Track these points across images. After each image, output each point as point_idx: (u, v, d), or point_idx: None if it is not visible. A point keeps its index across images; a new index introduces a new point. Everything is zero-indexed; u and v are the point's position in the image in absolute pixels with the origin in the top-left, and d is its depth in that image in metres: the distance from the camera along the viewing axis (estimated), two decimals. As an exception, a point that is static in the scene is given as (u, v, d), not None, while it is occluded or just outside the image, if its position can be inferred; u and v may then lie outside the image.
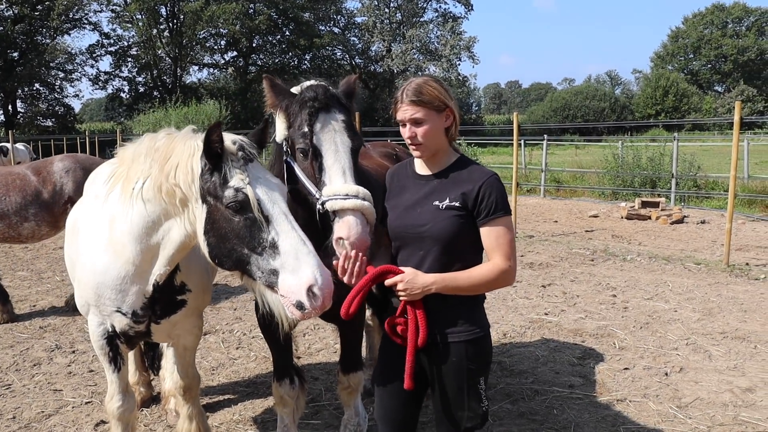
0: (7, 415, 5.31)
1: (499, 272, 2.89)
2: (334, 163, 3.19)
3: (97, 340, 3.83)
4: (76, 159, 8.52)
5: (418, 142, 2.97)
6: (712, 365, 6.16)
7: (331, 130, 3.27)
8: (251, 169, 3.01)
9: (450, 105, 2.98)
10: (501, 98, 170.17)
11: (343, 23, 70.51)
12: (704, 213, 16.03)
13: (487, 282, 2.91)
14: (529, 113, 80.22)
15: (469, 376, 3.00)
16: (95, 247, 3.58)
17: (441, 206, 2.93)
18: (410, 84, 2.99)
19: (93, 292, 3.63)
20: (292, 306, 2.79)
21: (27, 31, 54.44)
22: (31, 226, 7.92)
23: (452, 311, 2.98)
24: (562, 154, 39.27)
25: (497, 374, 6.01)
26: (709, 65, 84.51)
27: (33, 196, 7.90)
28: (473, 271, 2.91)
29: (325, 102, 3.30)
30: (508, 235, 2.93)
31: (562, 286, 9.24)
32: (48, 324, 7.79)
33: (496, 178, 2.98)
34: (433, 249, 2.94)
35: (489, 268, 2.90)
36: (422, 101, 2.92)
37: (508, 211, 2.95)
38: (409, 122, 2.96)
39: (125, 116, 58.46)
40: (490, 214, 2.90)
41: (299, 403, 4.37)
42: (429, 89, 2.94)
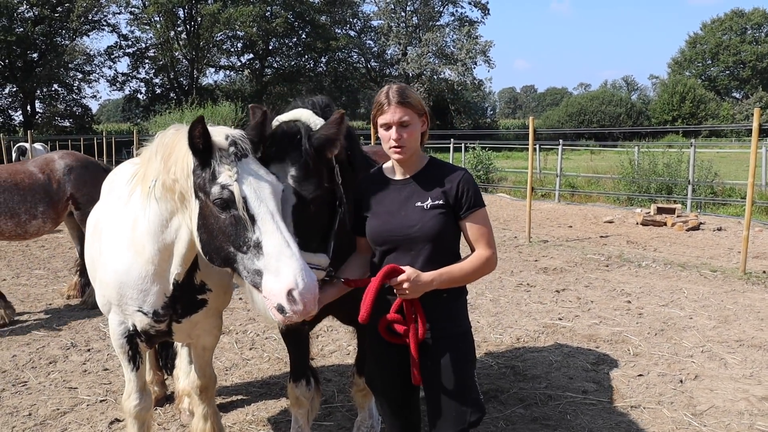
0: (23, 412, 5.35)
1: (486, 260, 3.09)
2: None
3: (117, 339, 3.86)
4: (76, 157, 8.64)
5: (404, 144, 3.06)
6: (727, 373, 6.12)
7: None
8: (243, 165, 2.94)
9: (426, 111, 3.14)
10: (516, 103, 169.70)
11: (359, 26, 70.76)
12: (721, 220, 15.92)
13: (477, 270, 3.09)
14: (545, 118, 79.82)
15: (467, 370, 3.14)
16: (118, 247, 3.61)
17: (426, 206, 3.07)
18: (392, 88, 3.09)
19: (115, 292, 3.66)
20: (273, 308, 2.76)
21: (47, 33, 54.94)
22: (38, 223, 8.01)
23: (445, 307, 3.12)
24: (577, 159, 39.13)
25: (510, 379, 6.00)
26: (727, 71, 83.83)
27: (41, 194, 8.01)
28: (464, 263, 3.07)
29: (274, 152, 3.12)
30: (487, 226, 3.14)
31: (576, 291, 9.21)
32: (64, 322, 7.85)
33: (470, 175, 3.19)
34: (424, 248, 3.07)
35: (477, 257, 3.09)
36: (409, 104, 3.05)
37: (483, 204, 3.16)
38: (396, 125, 3.04)
39: (142, 117, 58.85)
40: (471, 208, 3.10)
41: (314, 404, 4.39)
42: (412, 94, 3.08)
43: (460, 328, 3.17)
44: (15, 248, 12.82)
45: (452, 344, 3.12)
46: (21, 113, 58.04)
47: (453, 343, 3.12)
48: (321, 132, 3.13)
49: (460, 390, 3.11)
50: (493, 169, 26.70)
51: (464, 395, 3.12)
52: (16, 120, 58.25)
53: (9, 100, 58.16)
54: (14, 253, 12.26)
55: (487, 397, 5.52)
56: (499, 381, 5.94)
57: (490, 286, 9.40)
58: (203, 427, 4.41)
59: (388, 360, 3.26)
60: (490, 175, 26.15)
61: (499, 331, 7.44)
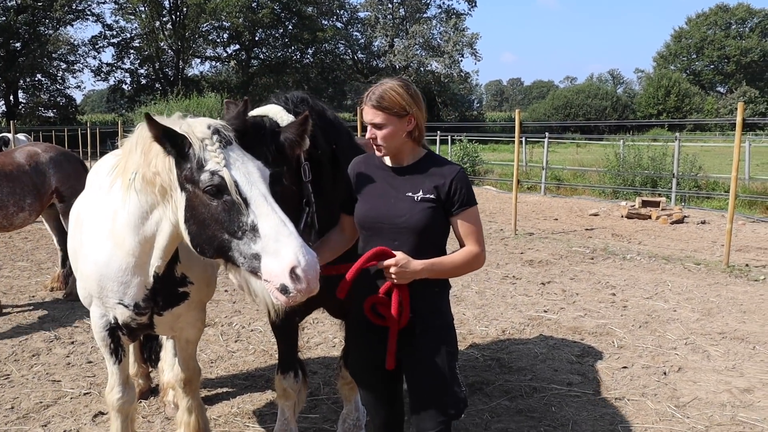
0: (6, 405, 5.31)
1: (474, 256, 3.11)
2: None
3: (99, 332, 3.83)
4: (59, 150, 8.63)
5: (378, 144, 3.12)
6: (710, 365, 6.16)
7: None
8: (229, 152, 2.91)
9: (411, 112, 3.08)
10: (503, 95, 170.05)
11: (346, 18, 70.52)
12: (705, 213, 16.03)
13: (466, 264, 3.12)
14: (531, 111, 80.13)
15: (448, 362, 3.15)
16: (98, 239, 3.58)
17: (416, 198, 3.09)
18: (376, 89, 3.12)
19: (96, 284, 3.63)
20: (276, 291, 2.70)
21: (30, 22, 54.41)
22: (24, 216, 7.97)
23: (430, 300, 3.14)
24: (563, 153, 39.27)
25: (496, 371, 6.02)
26: (711, 66, 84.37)
27: (30, 187, 7.95)
28: (454, 256, 3.10)
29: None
30: (477, 224, 3.16)
31: (561, 284, 9.24)
32: (47, 315, 7.79)
33: (464, 173, 3.20)
34: (408, 239, 3.08)
35: (466, 253, 3.12)
36: (382, 107, 3.05)
37: (476, 202, 3.17)
38: (369, 125, 3.10)
39: (127, 108, 58.49)
40: (462, 206, 3.11)
41: (301, 397, 4.39)
42: (391, 96, 3.05)
43: (443, 320, 3.19)
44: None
45: (435, 337, 3.13)
46: (3, 103, 57.56)
47: (436, 335, 3.14)
48: (284, 131, 3.17)
49: (441, 382, 3.12)
50: (479, 162, 26.76)
51: (446, 387, 3.13)
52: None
53: (-8, 90, 57.66)
54: (-3, 245, 12.15)
55: (472, 390, 5.54)
56: (484, 373, 5.96)
57: (476, 278, 9.42)
58: (188, 420, 4.39)
59: (370, 351, 3.27)
60: (477, 167, 26.20)
61: (484, 323, 7.46)
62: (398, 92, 3.06)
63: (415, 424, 3.20)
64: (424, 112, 3.17)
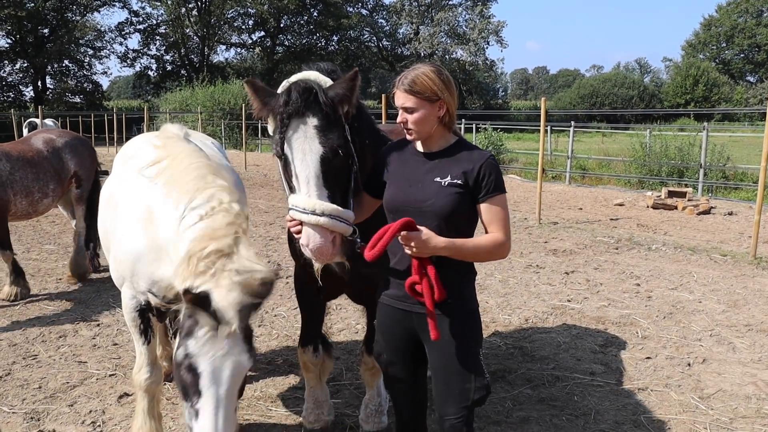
0: (34, 385, 5.40)
1: (499, 244, 3.07)
2: (300, 172, 3.12)
3: (129, 312, 3.87)
4: (73, 135, 8.69)
5: (409, 128, 3.13)
6: (735, 357, 6.10)
7: (301, 137, 3.12)
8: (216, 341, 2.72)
9: (442, 97, 3.08)
10: (528, 84, 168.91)
11: (371, 5, 70.35)
12: (732, 204, 15.82)
13: (489, 251, 3.08)
14: (556, 99, 79.49)
15: (471, 348, 3.14)
16: (133, 229, 3.62)
17: (443, 183, 3.08)
18: (408, 73, 3.13)
19: (128, 270, 3.67)
20: None
21: (57, 8, 54.94)
22: (48, 202, 8.06)
23: (454, 286, 3.12)
24: (588, 142, 38.96)
25: (518, 359, 6.01)
26: (741, 55, 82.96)
27: (52, 172, 8.03)
28: (478, 240, 3.07)
29: (297, 107, 3.12)
30: (504, 212, 3.11)
31: (585, 273, 9.19)
32: (74, 297, 7.90)
33: (494, 160, 3.18)
34: (433, 223, 3.05)
35: (491, 239, 3.07)
36: (414, 91, 3.07)
37: (505, 190, 3.14)
38: (401, 109, 3.12)
39: (152, 94, 59.03)
40: (490, 192, 3.08)
41: (325, 367, 4.56)
42: (423, 80, 3.07)
43: (467, 307, 3.18)
44: (25, 223, 12.86)
45: (459, 322, 3.13)
46: (32, 89, 58.23)
47: (460, 321, 3.13)
48: (335, 86, 3.21)
49: (465, 368, 3.12)
50: (504, 150, 26.61)
51: (469, 373, 3.12)
52: (27, 96, 58.46)
53: (20, 76, 58.37)
54: (25, 228, 12.33)
55: (494, 377, 5.53)
56: (507, 361, 5.95)
57: (500, 266, 9.39)
58: (211, 402, 4.43)
59: (395, 335, 3.29)
60: (501, 156, 26.06)
61: (507, 311, 7.45)
62: (430, 77, 3.06)
63: (438, 409, 3.21)
64: (456, 98, 3.17)
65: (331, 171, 3.13)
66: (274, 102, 3.21)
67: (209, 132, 32.54)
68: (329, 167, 3.12)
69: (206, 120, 34.73)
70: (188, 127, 4.84)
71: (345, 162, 3.20)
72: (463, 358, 3.12)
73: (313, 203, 3.05)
